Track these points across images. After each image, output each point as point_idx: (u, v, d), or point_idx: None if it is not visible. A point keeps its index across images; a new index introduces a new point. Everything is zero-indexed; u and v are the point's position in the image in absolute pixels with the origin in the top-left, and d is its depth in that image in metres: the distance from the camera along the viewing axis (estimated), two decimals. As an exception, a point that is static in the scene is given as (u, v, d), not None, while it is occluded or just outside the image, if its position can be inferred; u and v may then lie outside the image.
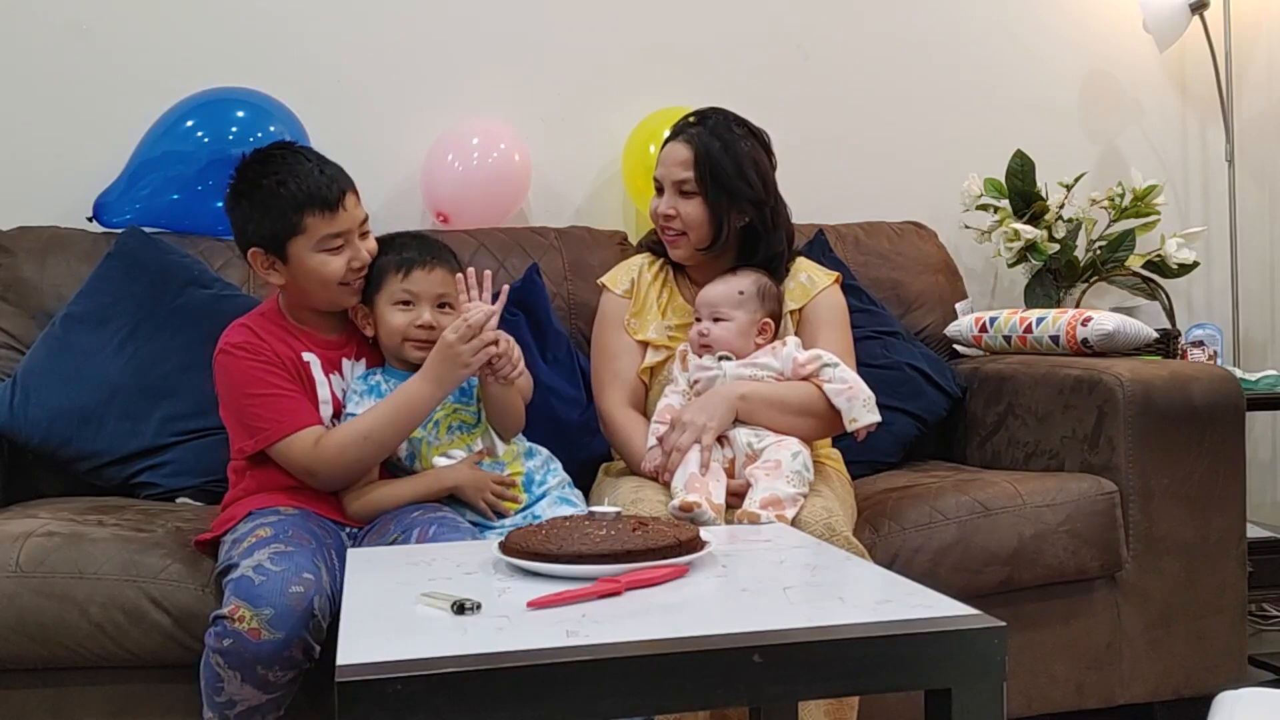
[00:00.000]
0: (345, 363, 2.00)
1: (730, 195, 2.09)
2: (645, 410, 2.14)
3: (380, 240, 2.02)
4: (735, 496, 1.88)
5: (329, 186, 1.87)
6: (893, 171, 3.11)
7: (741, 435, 1.95)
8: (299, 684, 1.66)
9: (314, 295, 1.94)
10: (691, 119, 2.14)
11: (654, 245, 2.26)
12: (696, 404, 1.97)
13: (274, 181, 1.87)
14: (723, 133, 2.10)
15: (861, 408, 1.97)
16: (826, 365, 2.00)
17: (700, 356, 2.05)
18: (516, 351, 1.95)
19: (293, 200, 1.86)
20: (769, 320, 2.07)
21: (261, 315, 1.99)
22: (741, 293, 2.05)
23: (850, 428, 1.98)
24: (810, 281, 2.18)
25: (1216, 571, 2.25)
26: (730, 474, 1.93)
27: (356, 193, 1.94)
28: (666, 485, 1.92)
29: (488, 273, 1.99)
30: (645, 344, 2.17)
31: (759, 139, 2.14)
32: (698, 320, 2.07)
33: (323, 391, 1.94)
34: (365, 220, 1.95)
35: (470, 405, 2.03)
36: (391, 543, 1.79)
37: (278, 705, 1.65)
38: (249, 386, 1.88)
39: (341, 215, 1.89)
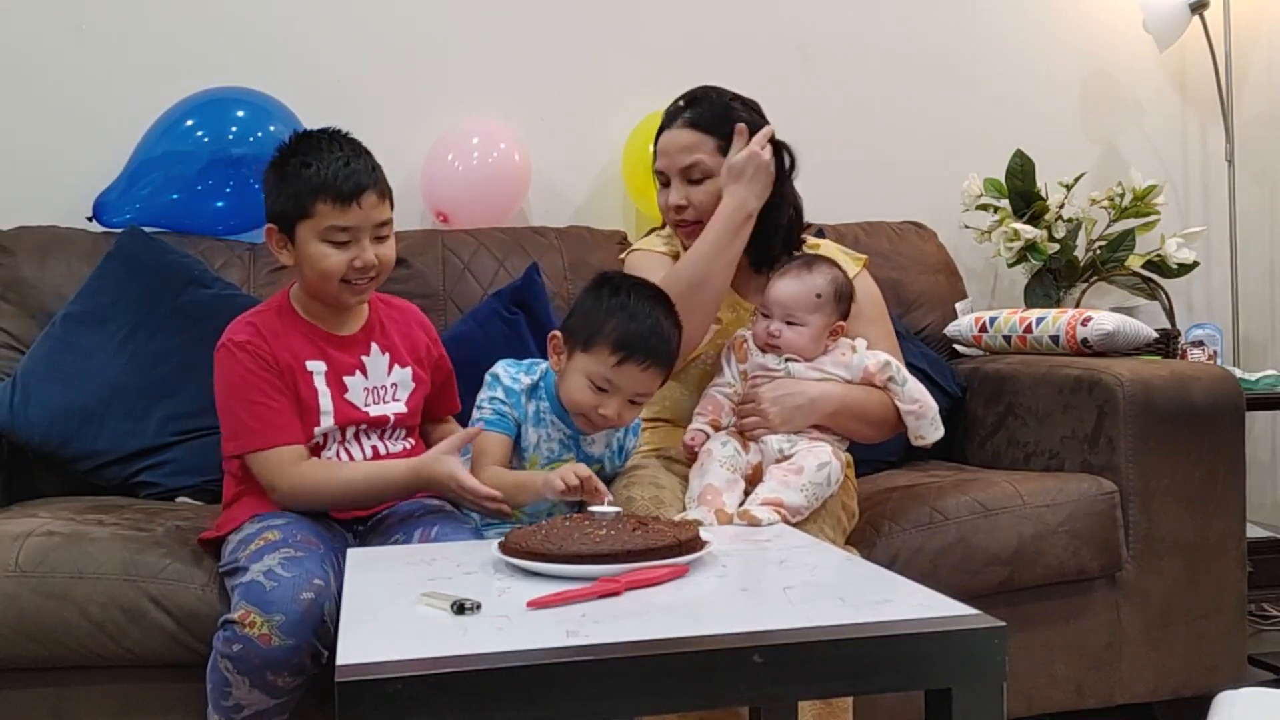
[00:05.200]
0: (366, 360, 1.93)
1: None
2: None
3: (608, 280, 1.88)
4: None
5: (348, 179, 1.81)
6: (893, 171, 3.11)
7: (773, 442, 1.90)
8: (305, 689, 1.65)
9: (315, 286, 1.88)
10: (681, 103, 2.08)
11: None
12: (781, 397, 1.91)
13: (300, 162, 1.84)
14: (719, 109, 2.04)
15: (930, 426, 1.99)
16: (894, 380, 1.97)
17: (765, 353, 1.98)
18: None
19: (309, 184, 1.82)
20: (841, 323, 1.99)
21: (270, 311, 1.92)
22: (819, 296, 1.94)
23: (916, 443, 2.01)
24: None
25: (1216, 571, 2.25)
26: (755, 478, 1.87)
27: (384, 195, 1.87)
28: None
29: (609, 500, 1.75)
30: None
31: (754, 109, 2.07)
32: (765, 315, 1.98)
33: (323, 402, 1.87)
34: (385, 224, 1.88)
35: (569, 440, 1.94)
36: (393, 542, 1.79)
37: (284, 710, 1.64)
38: (243, 390, 1.83)
39: (353, 211, 1.82)
